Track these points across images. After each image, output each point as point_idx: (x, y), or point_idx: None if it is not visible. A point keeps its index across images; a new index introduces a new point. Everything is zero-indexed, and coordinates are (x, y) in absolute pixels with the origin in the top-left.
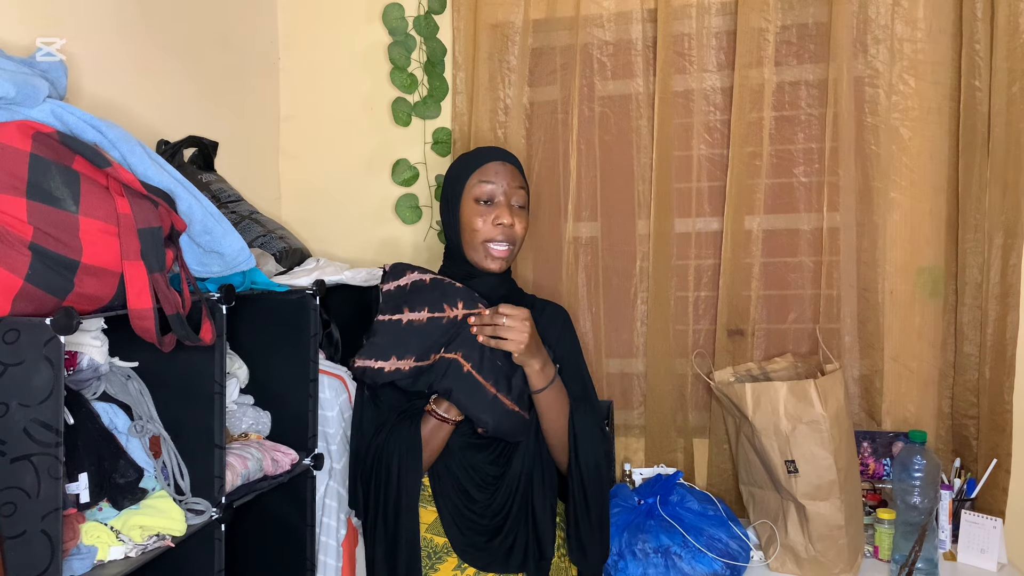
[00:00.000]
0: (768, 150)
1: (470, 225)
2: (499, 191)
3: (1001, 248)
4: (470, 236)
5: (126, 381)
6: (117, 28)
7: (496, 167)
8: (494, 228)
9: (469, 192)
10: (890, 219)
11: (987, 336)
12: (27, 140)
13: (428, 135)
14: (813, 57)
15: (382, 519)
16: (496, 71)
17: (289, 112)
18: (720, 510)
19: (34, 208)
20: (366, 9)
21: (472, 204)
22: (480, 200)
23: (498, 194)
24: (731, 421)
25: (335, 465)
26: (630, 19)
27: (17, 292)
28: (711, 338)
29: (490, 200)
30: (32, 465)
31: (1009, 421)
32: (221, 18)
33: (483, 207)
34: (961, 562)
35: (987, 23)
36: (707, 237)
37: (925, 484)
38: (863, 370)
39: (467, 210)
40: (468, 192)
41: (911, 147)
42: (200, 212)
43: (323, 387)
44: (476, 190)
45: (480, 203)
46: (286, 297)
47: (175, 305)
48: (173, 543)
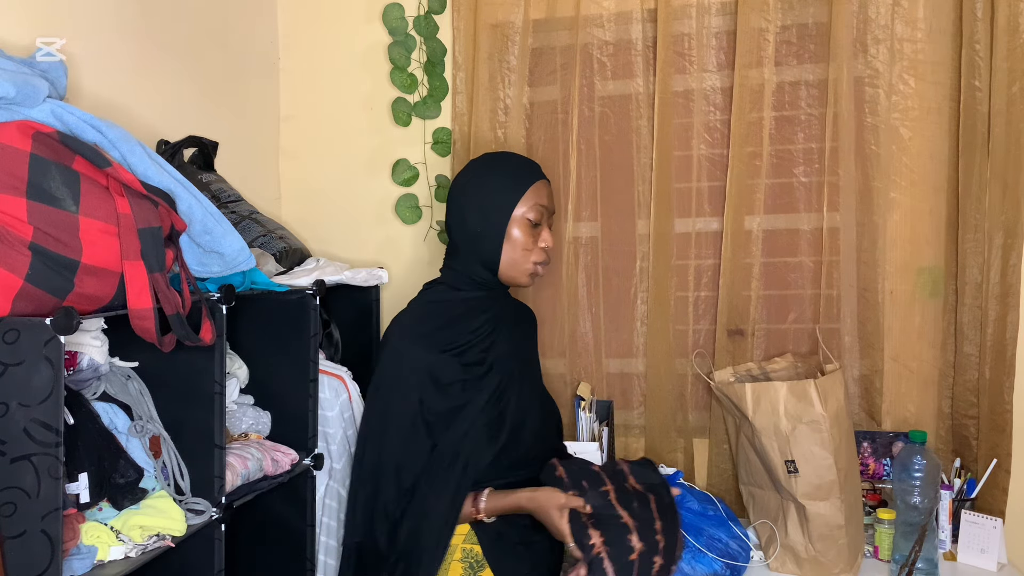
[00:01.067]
0: (768, 150)
1: (521, 244)
2: (547, 213)
3: (1001, 248)
4: (519, 255)
5: (126, 381)
6: (117, 28)
7: (546, 188)
8: (541, 250)
9: (522, 212)
10: (890, 219)
11: (987, 336)
12: (27, 140)
13: (428, 135)
14: (813, 57)
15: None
16: (496, 71)
17: (289, 112)
18: (720, 510)
19: (34, 208)
20: (366, 9)
21: (525, 223)
22: (533, 222)
23: (546, 216)
24: (731, 421)
25: (335, 465)
26: (630, 19)
27: (17, 292)
28: (711, 338)
29: (539, 222)
30: (32, 465)
31: (1009, 421)
32: (221, 18)
33: (533, 228)
34: (961, 562)
35: (987, 23)
36: (707, 237)
37: (925, 484)
38: (863, 370)
39: (518, 229)
40: (521, 211)
41: (911, 147)
42: (200, 212)
43: (323, 387)
44: (532, 212)
45: (532, 224)
46: (286, 297)
47: (175, 305)
48: (173, 543)
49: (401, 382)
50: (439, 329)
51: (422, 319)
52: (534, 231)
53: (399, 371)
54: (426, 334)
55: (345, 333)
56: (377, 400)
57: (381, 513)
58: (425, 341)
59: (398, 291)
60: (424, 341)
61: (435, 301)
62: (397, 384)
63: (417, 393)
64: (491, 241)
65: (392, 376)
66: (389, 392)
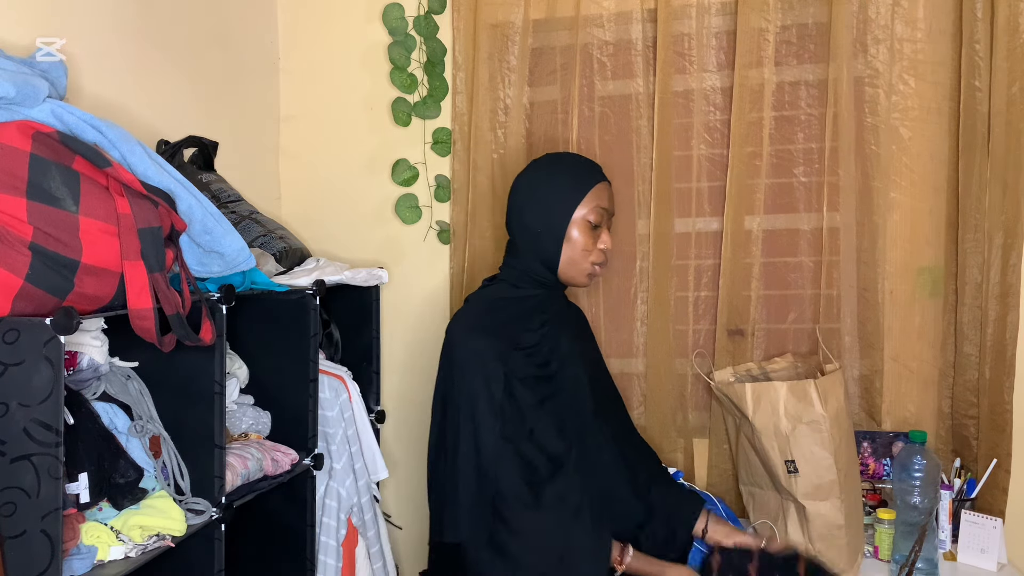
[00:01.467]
0: (768, 150)
1: (582, 246)
2: (607, 215)
3: (1001, 248)
4: (579, 256)
5: (126, 381)
6: (117, 28)
7: (607, 190)
8: (600, 252)
9: (582, 214)
10: (890, 219)
11: (987, 336)
12: (27, 140)
13: (428, 135)
14: (813, 57)
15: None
16: (496, 71)
17: (289, 112)
18: (720, 510)
19: (34, 208)
20: (366, 9)
21: (586, 225)
22: (594, 223)
23: (606, 218)
24: (731, 421)
25: (335, 465)
26: (630, 19)
27: (17, 292)
28: (711, 338)
29: (599, 224)
30: (32, 465)
31: (1009, 421)
32: (221, 18)
33: (593, 230)
34: (961, 562)
35: (987, 23)
36: (707, 237)
37: (925, 484)
38: (863, 370)
39: (578, 230)
40: (581, 214)
41: (911, 147)
42: (200, 212)
43: (323, 387)
44: (593, 214)
45: (591, 226)
46: (286, 297)
47: (175, 305)
48: (173, 543)
49: (483, 372)
50: (504, 325)
51: (486, 314)
52: (593, 232)
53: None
54: (494, 329)
55: (345, 333)
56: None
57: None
58: (494, 335)
59: (398, 291)
60: (493, 335)
61: (498, 298)
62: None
63: (501, 384)
64: (551, 242)
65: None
66: (472, 384)
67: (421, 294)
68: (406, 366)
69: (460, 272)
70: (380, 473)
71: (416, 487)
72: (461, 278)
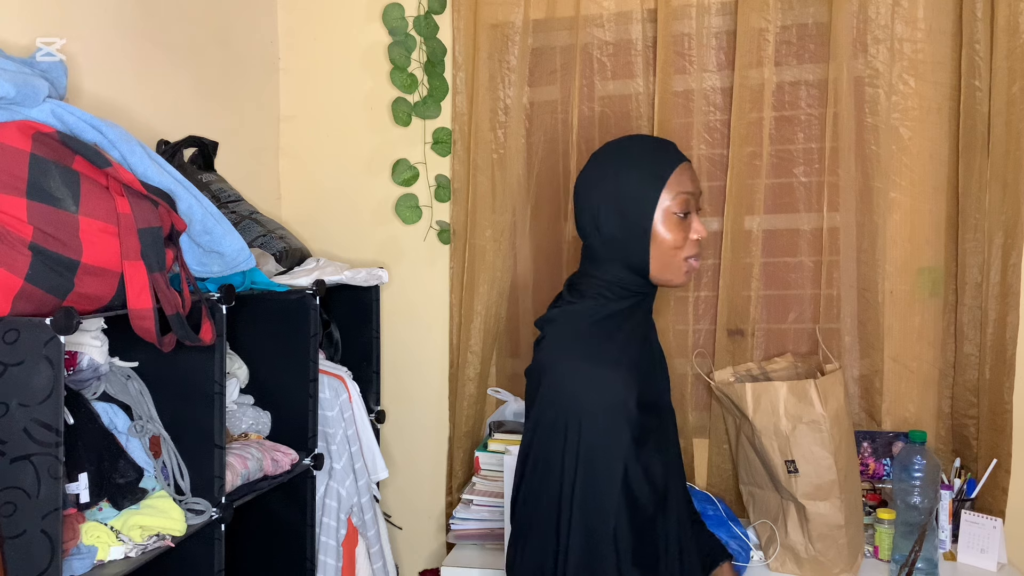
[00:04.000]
0: (768, 150)
1: (671, 243)
2: (694, 199)
3: (1001, 248)
4: (670, 254)
5: (126, 381)
6: (117, 28)
7: (688, 171)
8: (693, 243)
9: (666, 205)
10: (890, 219)
11: (987, 336)
12: (27, 140)
13: (428, 135)
14: (813, 57)
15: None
16: (496, 71)
17: (289, 112)
18: (720, 510)
19: (34, 208)
20: (366, 9)
21: (672, 219)
22: (679, 213)
23: (693, 203)
24: (731, 421)
25: (335, 465)
26: (630, 19)
27: (17, 292)
28: (711, 338)
29: (687, 212)
30: (32, 465)
31: (1009, 421)
32: (221, 18)
33: (682, 220)
34: (961, 562)
35: (987, 23)
36: (707, 237)
37: (925, 484)
38: (863, 370)
39: (663, 226)
40: (664, 205)
41: (911, 147)
42: (200, 212)
43: (323, 387)
44: (677, 204)
45: (679, 216)
46: (286, 297)
47: (175, 305)
48: (173, 543)
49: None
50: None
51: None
52: (683, 223)
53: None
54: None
55: (345, 333)
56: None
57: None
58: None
59: (398, 291)
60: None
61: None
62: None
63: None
64: (636, 246)
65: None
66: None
67: (421, 294)
68: (406, 366)
69: (460, 272)
70: (380, 473)
71: (416, 487)
72: (461, 278)
